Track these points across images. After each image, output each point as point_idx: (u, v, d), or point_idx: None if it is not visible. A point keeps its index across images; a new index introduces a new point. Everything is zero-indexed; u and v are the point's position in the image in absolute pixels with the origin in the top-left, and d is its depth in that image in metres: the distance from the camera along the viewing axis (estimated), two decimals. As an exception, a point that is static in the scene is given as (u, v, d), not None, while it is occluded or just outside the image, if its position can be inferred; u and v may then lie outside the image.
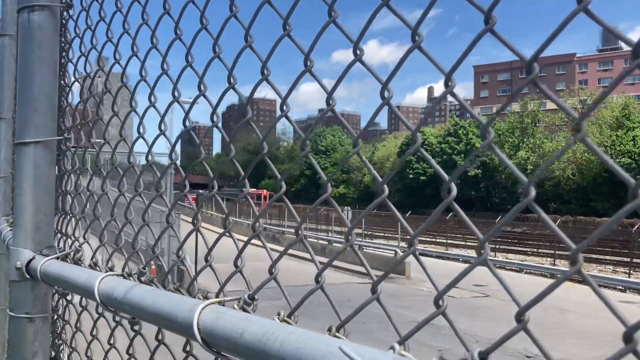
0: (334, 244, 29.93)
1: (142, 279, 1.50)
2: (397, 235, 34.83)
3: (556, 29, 0.74)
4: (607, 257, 31.31)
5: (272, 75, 1.30)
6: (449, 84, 0.89)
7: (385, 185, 0.99)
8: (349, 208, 47.23)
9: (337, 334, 0.95)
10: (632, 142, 53.16)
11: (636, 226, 31.09)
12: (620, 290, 22.15)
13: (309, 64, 1.17)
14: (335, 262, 24.83)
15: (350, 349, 0.78)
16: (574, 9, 0.68)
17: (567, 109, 0.75)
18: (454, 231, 41.27)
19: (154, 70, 1.61)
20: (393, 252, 25.26)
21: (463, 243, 38.29)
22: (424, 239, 40.98)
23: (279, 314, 1.04)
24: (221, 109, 1.47)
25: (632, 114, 57.30)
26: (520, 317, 0.77)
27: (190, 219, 1.45)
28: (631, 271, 26.38)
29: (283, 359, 0.87)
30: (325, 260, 1.20)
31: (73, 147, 2.19)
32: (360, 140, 1.10)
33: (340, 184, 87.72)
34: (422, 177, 69.95)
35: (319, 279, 1.07)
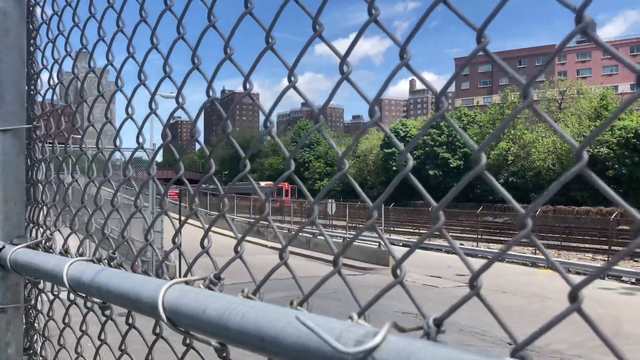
0: (318, 237, 29.99)
1: (112, 263, 1.50)
2: (381, 227, 35.01)
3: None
4: (587, 245, 31.82)
5: (258, 72, 1.30)
6: (405, 55, 0.90)
7: (346, 160, 1.00)
8: (333, 200, 47.31)
9: (298, 307, 0.96)
10: (610, 132, 53.94)
11: (614, 214, 31.61)
12: (600, 277, 22.53)
13: (293, 79, 1.16)
14: (321, 255, 24.88)
15: (308, 318, 0.79)
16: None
17: (515, 76, 0.77)
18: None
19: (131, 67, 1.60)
20: (377, 244, 25.38)
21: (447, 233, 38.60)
22: (408, 230, 41.32)
23: (242, 291, 1.04)
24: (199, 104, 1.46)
25: (609, 105, 58.18)
26: (473, 284, 0.78)
27: (176, 215, 1.45)
28: (609, 259, 26.82)
29: (244, 332, 0.88)
30: (310, 253, 1.20)
31: (45, 135, 2.16)
32: (322, 119, 1.11)
33: (325, 176, 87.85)
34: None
35: (283, 256, 1.08)
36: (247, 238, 1.29)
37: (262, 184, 68.74)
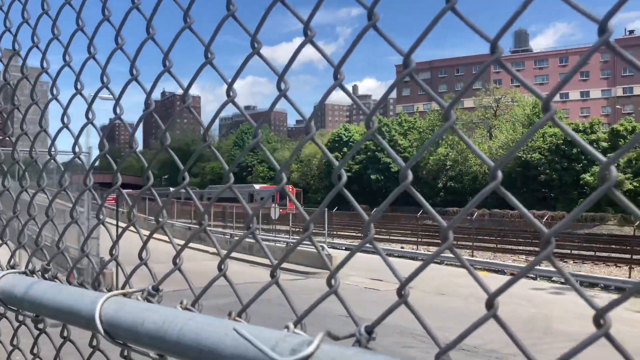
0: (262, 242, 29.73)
1: (47, 275, 1.47)
2: (324, 232, 35.17)
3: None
4: (520, 248, 33.20)
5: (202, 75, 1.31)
6: (338, 76, 0.95)
7: (283, 175, 1.03)
8: (277, 205, 47.10)
9: (237, 318, 0.98)
10: (542, 139, 56.56)
11: (545, 218, 33.11)
12: (532, 278, 23.53)
13: (232, 93, 1.19)
14: (264, 261, 24.73)
15: (245, 330, 0.82)
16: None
17: (436, 98, 0.83)
18: (379, 226, 42.28)
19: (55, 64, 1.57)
20: (321, 248, 25.46)
21: (387, 237, 39.32)
22: (351, 234, 41.75)
23: (181, 302, 1.06)
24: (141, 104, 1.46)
25: (541, 113, 60.97)
26: (401, 292, 0.83)
27: (114, 220, 1.43)
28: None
29: (182, 344, 0.89)
30: (253, 258, 1.22)
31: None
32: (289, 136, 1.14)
33: (268, 181, 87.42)
34: (348, 174, 71.07)
35: (222, 267, 1.10)
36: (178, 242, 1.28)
37: (257, 186, 64.61)
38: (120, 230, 1.53)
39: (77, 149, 1.48)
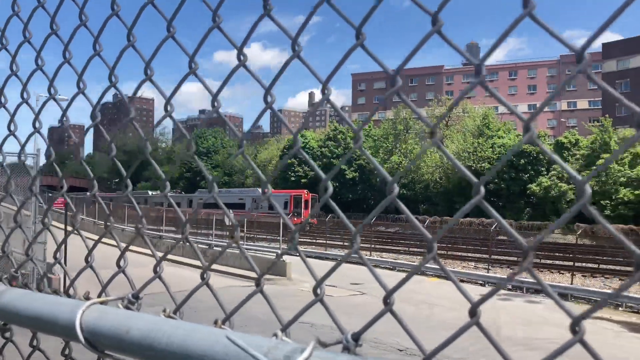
0: (214, 248, 29.43)
1: (14, 283, 1.43)
2: (278, 238, 35.05)
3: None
4: (470, 255, 34.05)
5: (154, 75, 1.32)
6: (325, 91, 0.98)
7: (268, 187, 1.06)
8: (231, 210, 46.54)
9: (222, 326, 1.00)
10: (491, 149, 58.31)
11: (494, 225, 34.07)
12: (481, 284, 24.18)
13: (193, 66, 1.21)
14: (218, 267, 24.43)
15: (237, 337, 0.84)
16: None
17: (424, 120, 0.87)
18: (332, 232, 42.52)
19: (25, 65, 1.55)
20: (274, 254, 25.41)
21: (341, 243, 39.54)
22: (304, 240, 41.79)
23: (164, 311, 1.06)
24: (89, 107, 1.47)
25: (491, 123, 62.95)
26: (387, 300, 0.87)
27: (61, 224, 1.41)
28: (490, 267, 28.89)
29: (171, 352, 0.90)
30: (206, 263, 1.23)
31: None
32: (245, 141, 1.16)
33: (222, 186, 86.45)
34: (302, 180, 71.14)
35: (204, 276, 1.11)
36: (134, 248, 1.28)
37: (260, 191, 58.49)
38: (63, 240, 1.52)
39: (22, 157, 1.47)
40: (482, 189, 0.80)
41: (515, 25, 0.76)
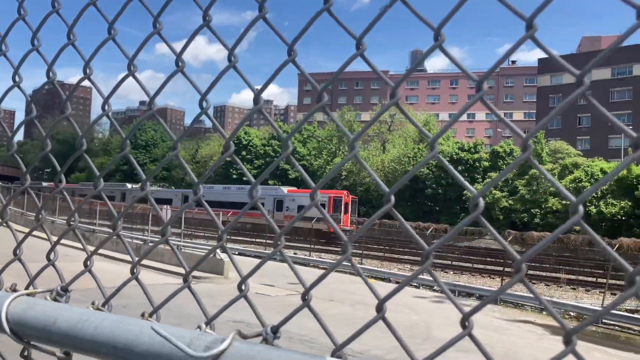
0: (149, 244, 28.75)
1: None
2: (216, 235, 34.68)
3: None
4: (406, 257, 34.92)
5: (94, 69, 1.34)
6: (259, 101, 1.05)
7: (200, 188, 1.11)
8: (168, 207, 45.69)
9: (149, 318, 1.04)
10: (430, 155, 59.99)
11: (430, 229, 35.07)
12: (415, 287, 24.83)
13: (132, 68, 1.24)
14: (153, 264, 23.90)
15: (161, 328, 0.89)
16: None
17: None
18: (271, 232, 42.47)
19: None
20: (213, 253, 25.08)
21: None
22: (244, 239, 41.56)
23: (93, 303, 1.10)
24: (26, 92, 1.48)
25: (432, 130, 64.82)
26: (304, 297, 0.95)
27: None
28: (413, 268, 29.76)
29: (98, 342, 0.94)
30: (136, 258, 1.26)
31: None
32: (185, 137, 1.21)
33: (160, 181, 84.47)
34: (244, 178, 70.61)
35: (134, 271, 1.16)
36: (65, 241, 1.29)
37: (285, 189, 51.64)
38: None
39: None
40: (482, 202, 0.83)
41: (517, 47, 0.81)
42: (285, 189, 51.61)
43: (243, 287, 1.01)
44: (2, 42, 1.39)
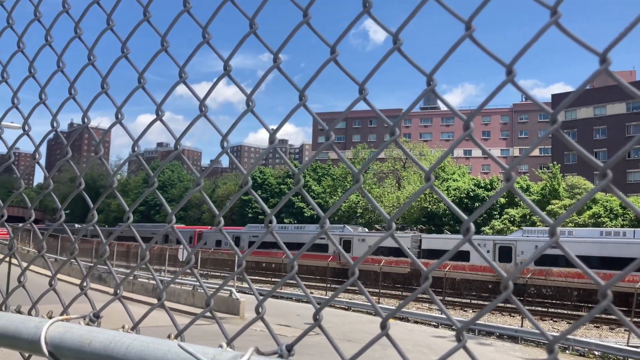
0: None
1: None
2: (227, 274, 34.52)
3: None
4: (425, 296, 34.44)
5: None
6: (274, 140, 1.17)
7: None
8: (182, 246, 45.53)
9: (175, 339, 1.14)
10: (446, 192, 59.88)
11: (448, 267, 34.67)
12: (434, 326, 24.43)
13: (160, 113, 1.38)
14: (169, 304, 23.86)
15: (187, 346, 0.99)
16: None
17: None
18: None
19: None
20: (228, 292, 25.04)
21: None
22: (260, 278, 41.36)
23: (123, 327, 1.20)
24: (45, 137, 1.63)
25: (446, 167, 64.89)
26: (316, 317, 1.04)
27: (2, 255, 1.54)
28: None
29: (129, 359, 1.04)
30: (154, 301, 1.36)
31: None
32: (203, 179, 1.33)
33: (178, 221, 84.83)
34: (260, 216, 70.77)
35: (161, 297, 1.26)
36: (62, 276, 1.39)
37: (355, 230, 48.35)
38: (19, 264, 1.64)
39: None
40: (472, 227, 0.90)
41: (498, 91, 0.92)
42: (355, 229, 49.76)
43: (260, 310, 1.11)
44: (42, 92, 1.54)
